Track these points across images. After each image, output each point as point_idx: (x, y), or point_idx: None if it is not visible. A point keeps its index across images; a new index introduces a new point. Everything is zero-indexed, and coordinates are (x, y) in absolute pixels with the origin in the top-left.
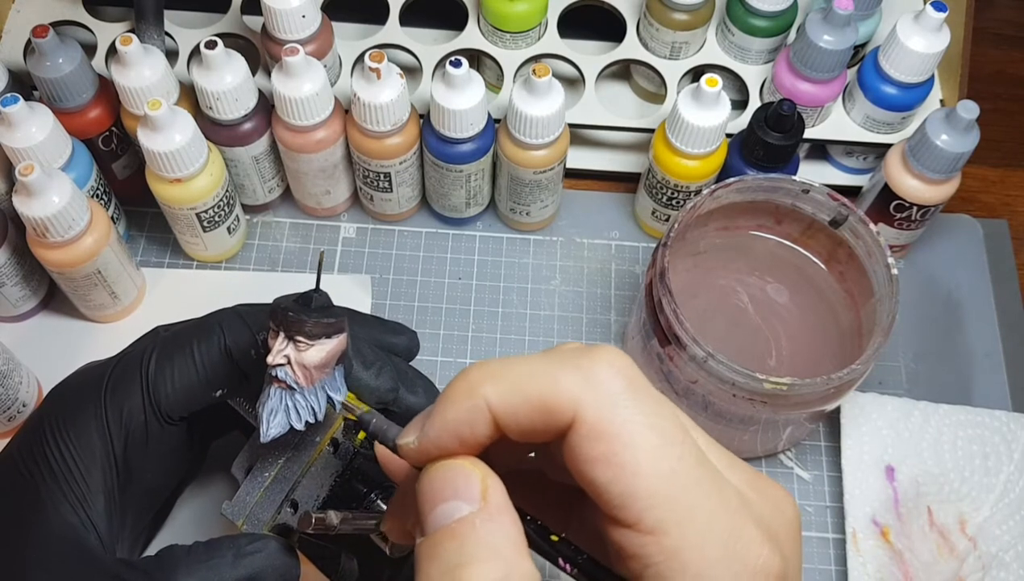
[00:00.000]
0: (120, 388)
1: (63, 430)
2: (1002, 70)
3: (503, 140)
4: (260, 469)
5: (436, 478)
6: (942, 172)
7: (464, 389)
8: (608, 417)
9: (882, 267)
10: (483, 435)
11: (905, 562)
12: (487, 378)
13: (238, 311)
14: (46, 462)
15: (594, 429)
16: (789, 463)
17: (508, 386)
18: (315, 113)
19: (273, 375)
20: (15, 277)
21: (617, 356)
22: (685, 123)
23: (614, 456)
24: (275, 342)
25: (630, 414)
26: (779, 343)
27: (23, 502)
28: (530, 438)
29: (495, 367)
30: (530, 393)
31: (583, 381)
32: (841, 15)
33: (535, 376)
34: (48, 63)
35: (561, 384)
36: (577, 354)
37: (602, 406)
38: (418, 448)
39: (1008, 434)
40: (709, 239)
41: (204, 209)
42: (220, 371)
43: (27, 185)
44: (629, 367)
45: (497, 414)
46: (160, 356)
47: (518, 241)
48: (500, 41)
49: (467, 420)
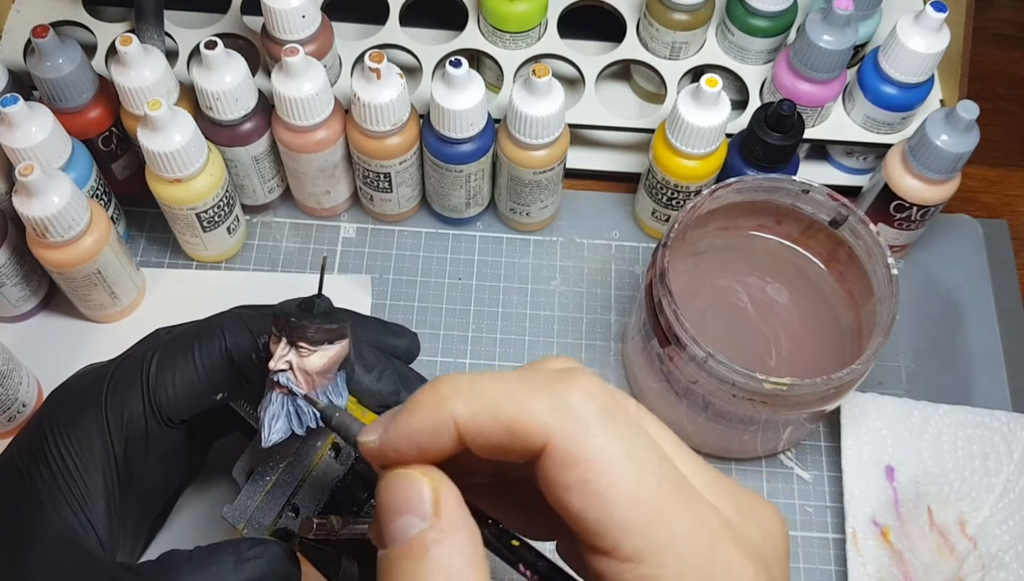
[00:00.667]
0: (121, 391)
1: (64, 433)
2: (1002, 70)
3: (503, 140)
4: (261, 473)
5: (391, 488)
6: (942, 172)
7: (432, 400)
8: (581, 444)
9: (882, 267)
10: (445, 448)
11: (905, 562)
12: (457, 392)
13: (239, 314)
14: (46, 464)
15: (567, 456)
16: (789, 463)
17: (478, 405)
18: (315, 113)
19: (275, 380)
20: (15, 277)
21: (591, 382)
22: (685, 123)
23: (588, 484)
24: (277, 347)
25: (604, 441)
26: (779, 343)
27: (23, 504)
28: (497, 457)
29: (467, 382)
30: (500, 415)
31: (555, 407)
32: (841, 15)
33: (507, 398)
34: (48, 63)
35: (533, 409)
36: (552, 379)
37: (575, 433)
38: (377, 449)
39: (1008, 434)
40: (709, 239)
41: (204, 209)
42: (221, 374)
43: (27, 185)
44: (603, 393)
45: (463, 431)
46: (161, 359)
47: (518, 241)
48: (500, 41)
49: (430, 431)
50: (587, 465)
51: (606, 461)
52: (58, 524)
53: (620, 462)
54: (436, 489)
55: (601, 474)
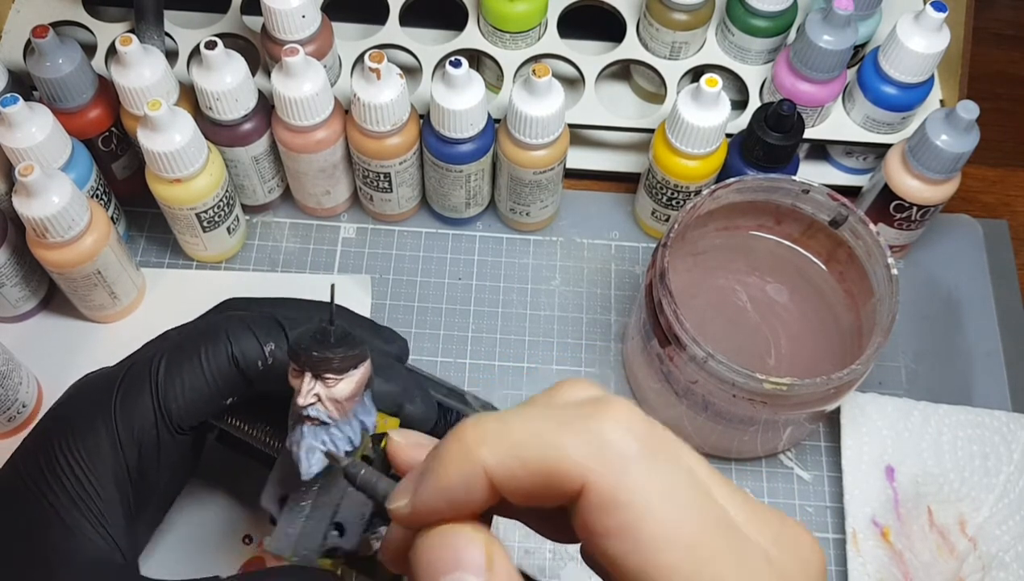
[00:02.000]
0: (129, 402)
1: (75, 450)
2: (1002, 70)
3: (503, 140)
4: (295, 499)
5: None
6: (942, 172)
7: (459, 452)
8: (621, 485)
9: (882, 267)
10: (480, 501)
11: (905, 562)
12: (484, 440)
13: (243, 318)
14: (61, 485)
15: (607, 500)
16: (789, 463)
17: (507, 450)
18: (315, 113)
19: (305, 415)
20: (15, 277)
21: (627, 413)
22: (685, 123)
23: (629, 529)
24: (301, 382)
25: (644, 481)
26: (779, 343)
27: (44, 529)
28: (533, 503)
29: (492, 428)
30: (532, 460)
31: (592, 447)
32: (841, 15)
33: (537, 440)
34: (48, 63)
35: (568, 451)
36: (583, 413)
37: (614, 474)
38: (411, 513)
39: (1008, 434)
40: (709, 239)
41: (204, 209)
42: (229, 380)
43: (27, 185)
44: (641, 424)
45: (496, 480)
46: (169, 367)
47: (518, 241)
48: (500, 41)
49: (462, 485)
50: (627, 507)
51: (648, 504)
52: (84, 546)
53: (662, 505)
54: (488, 543)
55: (642, 518)
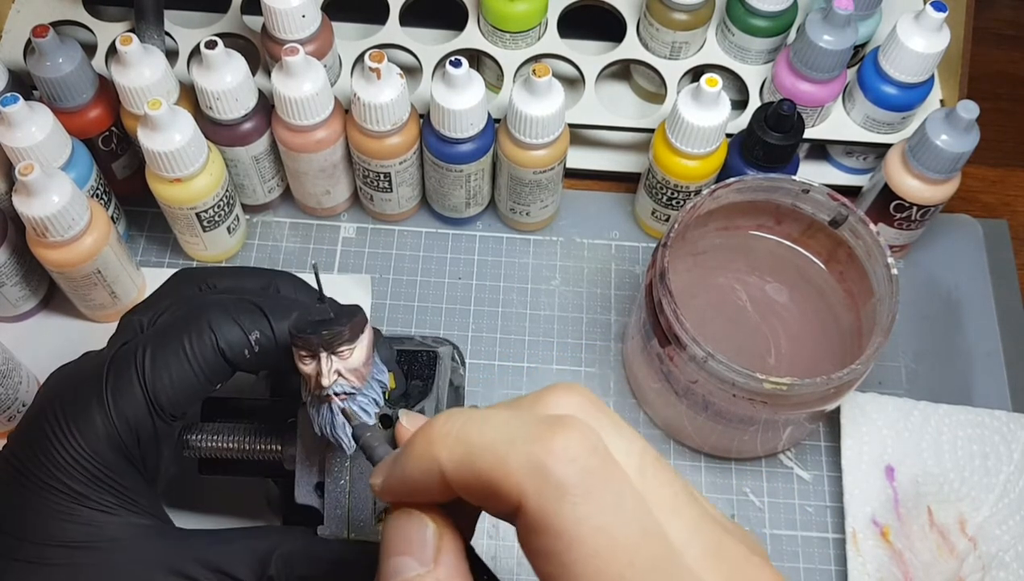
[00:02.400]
0: (121, 396)
1: (77, 446)
2: (1002, 70)
3: (503, 140)
4: (332, 481)
5: (393, 527)
6: (942, 172)
7: (422, 447)
8: (553, 511)
9: (882, 267)
10: (439, 493)
11: (905, 562)
12: (443, 440)
13: (226, 309)
14: (69, 475)
15: (537, 523)
16: (789, 463)
17: (460, 456)
18: (315, 113)
19: (331, 394)
20: (15, 277)
21: (579, 438)
22: (685, 123)
23: (556, 554)
24: (316, 365)
25: (578, 512)
26: (779, 343)
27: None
28: (483, 506)
29: (456, 429)
30: (480, 469)
31: (532, 468)
32: (841, 15)
33: (487, 450)
34: (48, 63)
35: (509, 466)
36: (538, 431)
37: (548, 500)
38: (380, 491)
39: (1008, 434)
40: (709, 239)
41: (204, 209)
42: (216, 369)
43: (27, 185)
44: (590, 453)
45: (449, 480)
46: (155, 361)
47: (518, 241)
48: (500, 41)
49: (421, 478)
50: (556, 536)
51: (577, 534)
52: (120, 519)
53: (593, 537)
54: (440, 536)
55: (570, 547)
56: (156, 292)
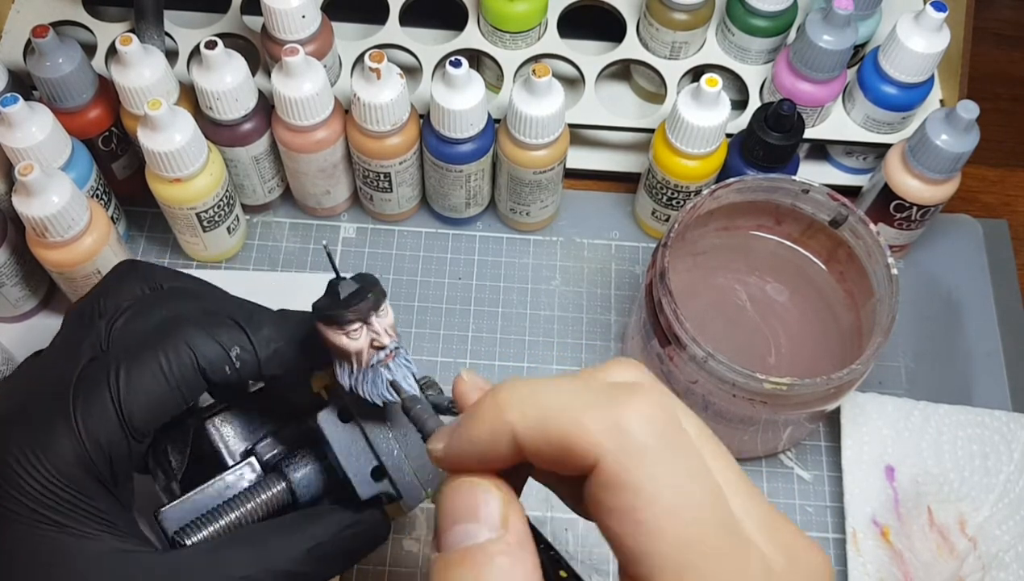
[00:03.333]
0: (92, 420)
1: (42, 467)
2: (1002, 70)
3: (503, 140)
4: (385, 451)
5: (457, 495)
6: (942, 172)
7: (492, 410)
8: (631, 467)
9: (882, 267)
10: (505, 458)
11: (905, 562)
12: (515, 403)
13: (203, 327)
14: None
15: (614, 480)
16: (789, 463)
17: (534, 418)
18: (315, 113)
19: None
20: (15, 277)
21: (655, 402)
22: (685, 123)
23: (630, 511)
24: (366, 332)
25: (655, 470)
26: (779, 343)
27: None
28: (554, 469)
29: (525, 392)
30: (554, 430)
31: (610, 428)
32: (841, 15)
33: (562, 412)
34: (48, 63)
35: (586, 427)
36: (612, 395)
37: (627, 457)
38: (444, 457)
39: (1008, 434)
40: (709, 239)
41: (204, 209)
42: (193, 388)
43: (27, 185)
44: (664, 417)
45: (521, 442)
46: (129, 380)
47: (518, 241)
48: (500, 41)
49: (490, 441)
50: (634, 492)
51: (654, 492)
52: (99, 542)
53: (668, 495)
54: (506, 503)
55: (647, 504)
56: (104, 286)
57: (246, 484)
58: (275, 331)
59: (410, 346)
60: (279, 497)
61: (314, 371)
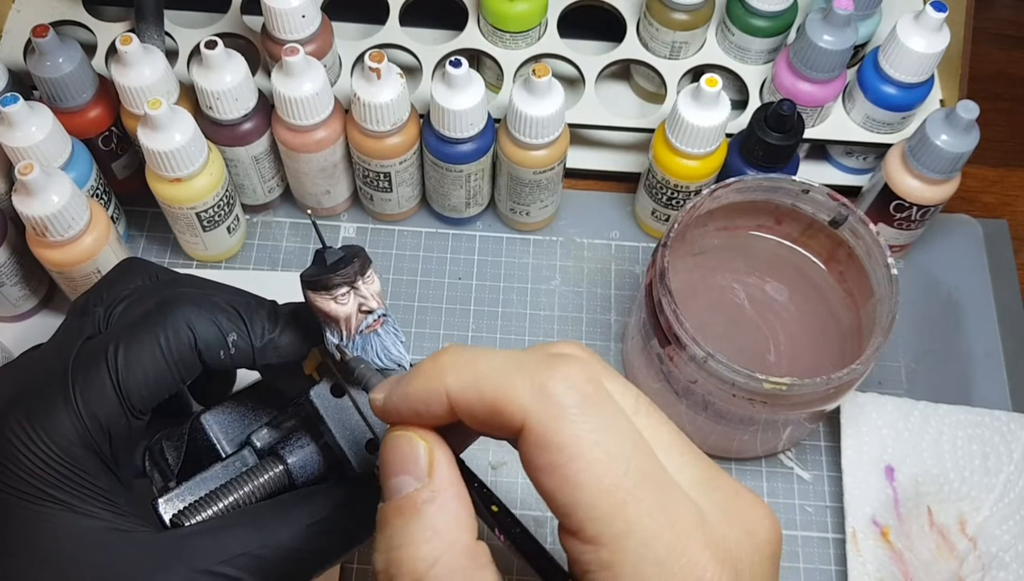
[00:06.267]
0: (91, 397)
1: (45, 445)
2: (1002, 70)
3: (503, 140)
4: (379, 423)
5: (390, 447)
6: (942, 172)
7: (430, 370)
8: (555, 428)
9: (882, 267)
10: (439, 417)
11: (905, 562)
12: (452, 366)
13: (202, 307)
14: (38, 477)
15: (541, 439)
16: (789, 463)
17: (468, 380)
18: (315, 113)
19: (375, 318)
20: (15, 277)
21: (579, 370)
22: (685, 123)
23: (558, 467)
24: (354, 297)
25: (577, 429)
26: (779, 343)
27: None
28: (484, 431)
29: (464, 357)
30: (485, 392)
31: (535, 391)
32: (841, 15)
33: (494, 376)
34: (48, 63)
35: (514, 390)
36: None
37: (550, 418)
38: (381, 408)
39: (1008, 434)
40: (709, 239)
41: (204, 209)
42: (190, 367)
43: (27, 184)
44: (587, 382)
45: (454, 403)
46: (128, 357)
47: (518, 241)
48: (500, 41)
49: (424, 400)
50: (558, 450)
51: (576, 448)
52: (95, 520)
53: (590, 450)
54: (431, 451)
55: (571, 459)
56: (105, 280)
57: (243, 470)
58: (271, 322)
59: (411, 346)
60: (277, 480)
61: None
